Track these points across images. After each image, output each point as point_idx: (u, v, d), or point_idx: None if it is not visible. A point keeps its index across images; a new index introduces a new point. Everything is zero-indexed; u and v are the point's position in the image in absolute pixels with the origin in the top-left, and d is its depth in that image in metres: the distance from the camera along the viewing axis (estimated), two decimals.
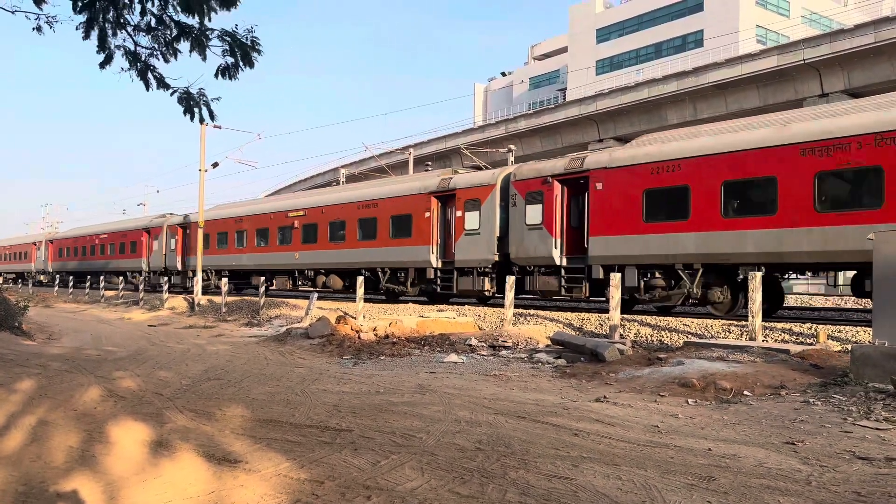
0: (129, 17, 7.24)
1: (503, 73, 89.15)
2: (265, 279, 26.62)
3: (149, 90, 7.50)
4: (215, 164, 31.85)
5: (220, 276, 28.45)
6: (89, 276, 39.52)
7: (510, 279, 16.71)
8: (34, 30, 7.92)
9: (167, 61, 7.33)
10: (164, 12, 7.13)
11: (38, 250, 53.01)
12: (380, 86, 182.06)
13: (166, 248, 35.10)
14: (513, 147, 40.30)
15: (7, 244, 61.80)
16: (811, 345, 11.41)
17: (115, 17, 7.06)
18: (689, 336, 13.20)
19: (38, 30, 7.91)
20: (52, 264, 50.15)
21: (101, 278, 38.21)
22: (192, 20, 7.07)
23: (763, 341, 11.95)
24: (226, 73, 7.27)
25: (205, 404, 7.97)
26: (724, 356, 10.34)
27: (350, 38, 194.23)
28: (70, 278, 42.26)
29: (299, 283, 26.73)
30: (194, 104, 7.43)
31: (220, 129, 30.99)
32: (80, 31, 7.03)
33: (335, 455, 5.79)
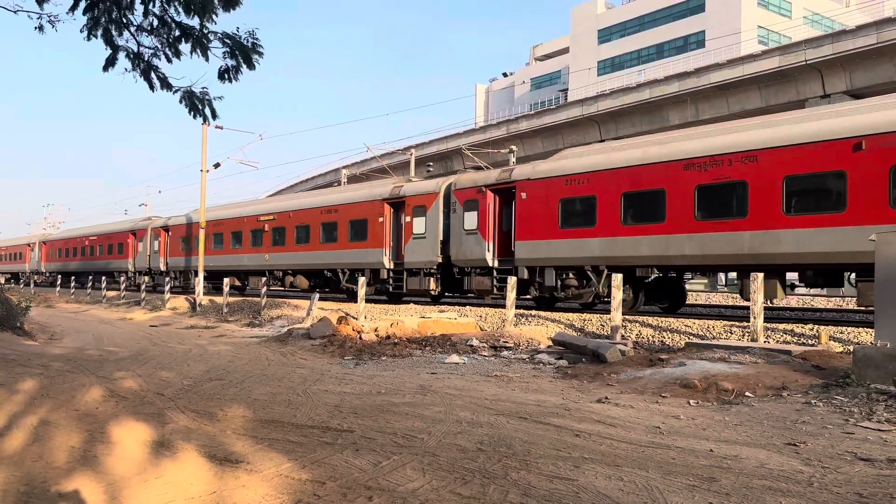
0: (132, 18, 7.26)
1: (505, 74, 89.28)
2: (265, 280, 27.19)
3: (153, 91, 7.51)
4: (217, 165, 31.86)
5: (197, 276, 29.63)
6: (73, 277, 40.71)
7: (511, 280, 16.76)
8: (36, 29, 7.94)
9: (170, 61, 7.34)
10: (165, 13, 7.14)
11: (32, 251, 54.02)
12: (381, 86, 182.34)
13: (150, 249, 36.43)
14: (514, 148, 40.34)
15: (3, 245, 62.95)
16: (813, 346, 11.41)
17: (118, 17, 7.07)
18: (691, 337, 13.20)
19: (41, 29, 7.92)
20: (45, 265, 51.21)
21: (92, 278, 39.34)
22: (193, 21, 7.09)
23: (765, 342, 11.94)
24: (227, 74, 7.30)
25: (206, 404, 7.97)
26: (726, 357, 10.34)
27: (352, 39, 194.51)
28: (59, 277, 43.41)
29: (270, 282, 28.04)
30: (198, 102, 7.44)
31: (221, 129, 31.02)
32: (84, 32, 7.04)
33: (337, 455, 5.79)
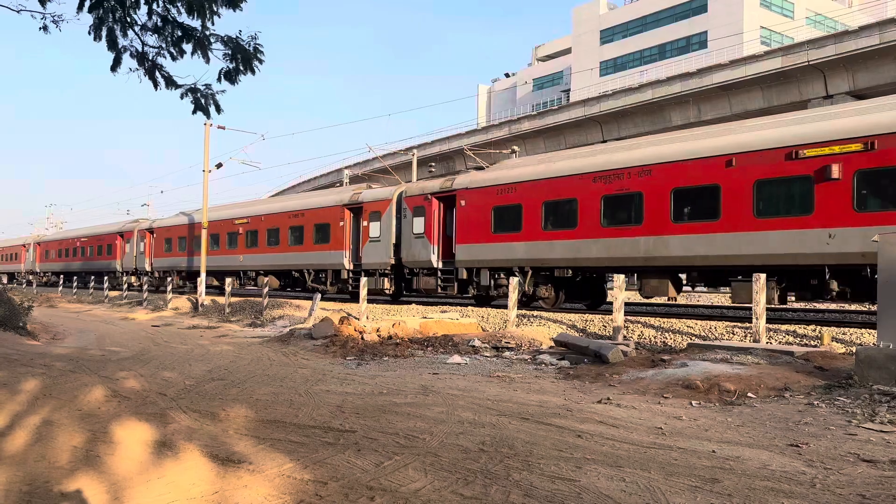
0: (137, 17, 7.26)
1: (507, 75, 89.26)
2: (268, 280, 27.66)
3: (157, 89, 7.50)
4: (219, 165, 31.86)
5: (180, 276, 31.51)
6: (61, 275, 42.43)
7: (513, 280, 16.79)
8: (40, 29, 7.93)
9: (175, 59, 7.34)
10: (168, 13, 7.15)
11: (27, 252, 55.31)
12: (384, 87, 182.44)
13: (136, 250, 37.94)
14: (516, 148, 40.29)
15: None
16: (815, 347, 11.39)
17: (122, 16, 7.08)
18: (693, 338, 13.19)
19: (45, 29, 7.91)
20: (39, 265, 52.56)
21: (79, 277, 40.76)
22: (195, 22, 7.09)
23: (767, 343, 11.94)
24: (228, 77, 7.30)
25: (208, 405, 7.98)
26: (728, 358, 10.33)
27: (354, 39, 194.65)
28: (56, 277, 45.04)
29: (244, 282, 29.71)
30: (202, 97, 7.44)
31: (224, 129, 31.12)
32: (91, 32, 7.05)
33: (338, 456, 5.79)
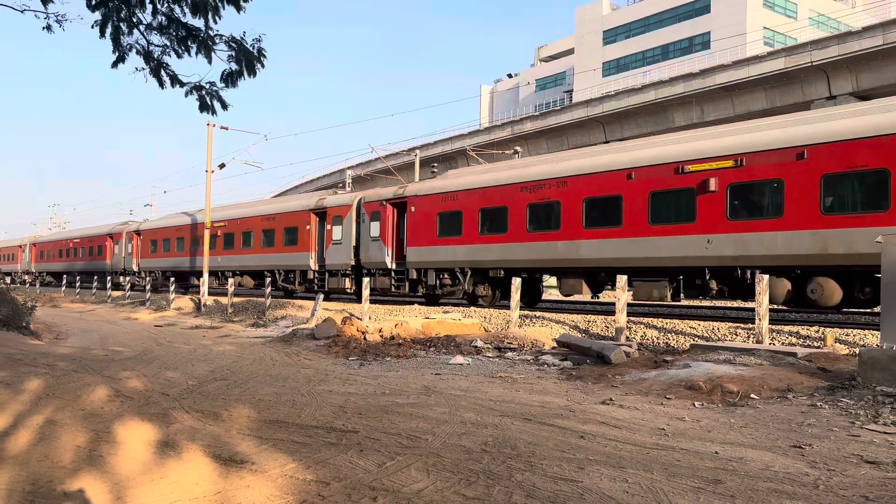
0: (142, 17, 7.27)
1: (509, 75, 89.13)
2: (271, 279, 27.59)
3: (163, 88, 7.53)
4: (222, 166, 31.90)
5: (165, 276, 33.77)
6: (60, 276, 44.34)
7: (516, 281, 16.77)
8: (44, 28, 7.95)
9: (180, 57, 7.36)
10: (172, 13, 7.16)
11: (23, 252, 56.60)
12: (386, 87, 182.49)
13: (125, 251, 39.71)
14: (519, 149, 40.26)
15: None
16: (818, 348, 11.37)
17: (127, 15, 7.09)
18: (696, 338, 13.17)
19: (48, 28, 7.94)
20: (34, 265, 53.85)
21: (65, 276, 42.96)
22: (198, 22, 7.11)
23: (770, 344, 11.91)
24: (229, 79, 7.31)
25: (211, 405, 7.98)
26: (731, 359, 10.32)
27: (357, 40, 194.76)
28: (41, 275, 47.51)
29: (221, 281, 31.02)
30: (207, 95, 7.45)
31: (226, 129, 31.18)
32: (94, 29, 7.06)
33: (341, 456, 5.79)
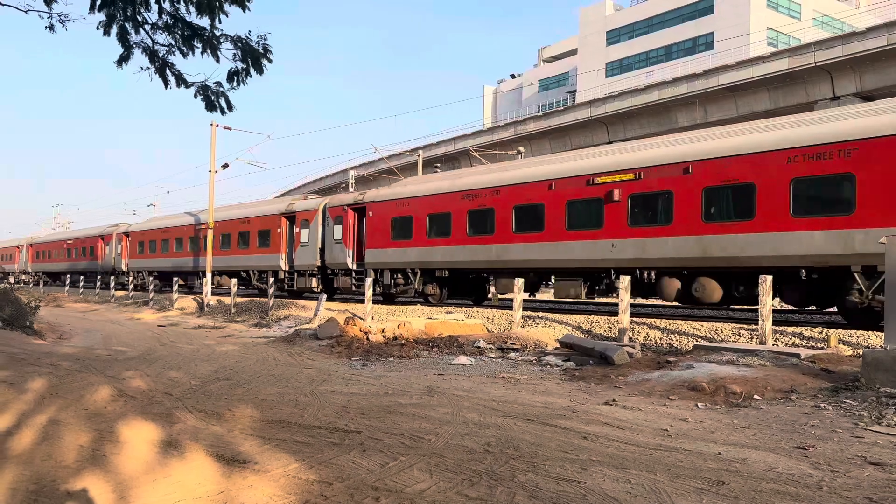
0: (147, 16, 7.28)
1: (512, 75, 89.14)
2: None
3: (168, 87, 7.53)
4: (225, 166, 31.98)
5: (151, 275, 35.97)
6: (43, 274, 47.64)
7: (519, 281, 16.77)
8: (47, 28, 7.96)
9: (185, 56, 7.35)
10: (177, 12, 7.16)
11: (20, 252, 58.30)
12: (389, 87, 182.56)
13: (114, 252, 41.62)
14: (522, 149, 40.28)
15: None
16: (822, 349, 11.35)
17: (132, 14, 7.09)
18: (699, 339, 13.15)
19: (51, 28, 7.94)
20: (31, 265, 55.58)
21: (67, 277, 45.00)
22: (204, 21, 7.11)
23: (773, 345, 11.89)
24: (235, 77, 7.31)
25: (214, 404, 7.99)
26: (734, 360, 10.30)
27: (360, 40, 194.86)
28: (37, 275, 49.93)
29: (202, 281, 32.35)
30: (213, 96, 7.45)
31: (230, 130, 31.21)
32: (100, 28, 7.06)
33: (344, 456, 5.80)
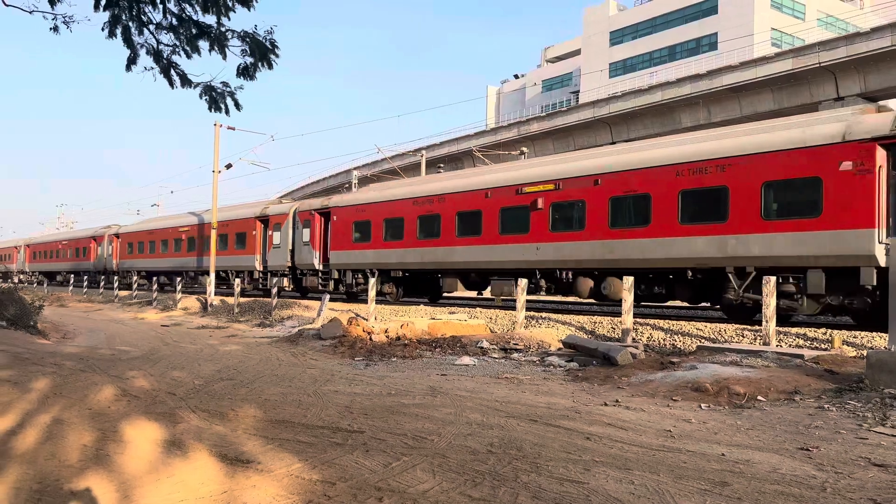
0: (152, 16, 7.28)
1: (516, 76, 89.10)
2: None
3: (173, 88, 7.53)
4: (229, 166, 32.09)
5: (139, 275, 38.45)
6: (39, 274, 51.09)
7: (522, 282, 16.75)
8: (51, 30, 7.96)
9: (189, 57, 7.35)
10: (183, 12, 7.16)
11: (18, 253, 60.30)
12: (392, 88, 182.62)
13: (106, 252, 43.79)
14: (525, 150, 40.26)
15: None
16: (826, 350, 11.31)
17: (137, 14, 7.10)
18: (703, 340, 13.12)
19: (55, 30, 7.95)
20: (28, 265, 57.55)
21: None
22: (210, 19, 7.11)
23: (777, 346, 11.86)
24: (245, 72, 7.30)
25: (217, 404, 8.00)
26: (738, 361, 10.28)
27: (363, 40, 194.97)
28: (34, 275, 53.05)
29: (185, 280, 34.77)
30: (218, 97, 7.45)
31: (233, 130, 31.32)
32: (105, 29, 7.07)
33: (347, 456, 5.80)
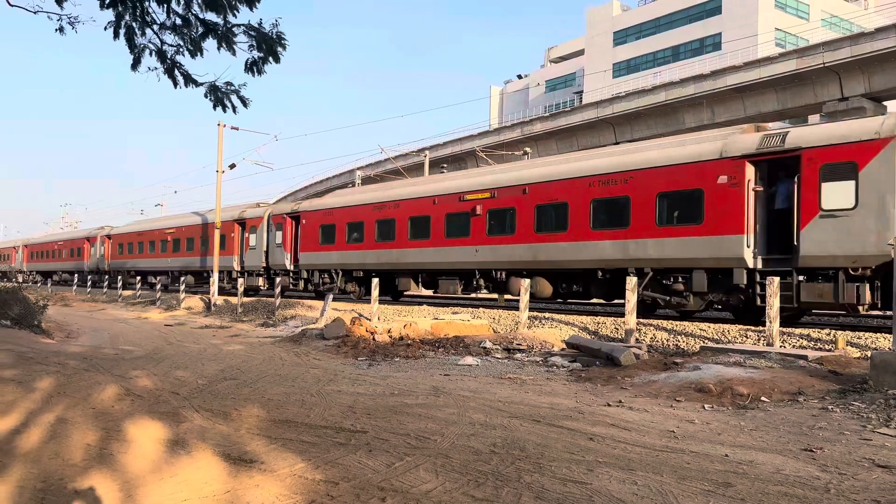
0: (156, 16, 7.28)
1: (519, 76, 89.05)
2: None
3: (176, 87, 7.52)
4: (232, 166, 32.07)
5: (129, 274, 39.82)
6: (36, 273, 53.54)
7: (525, 282, 16.68)
8: (57, 30, 7.97)
9: (194, 56, 7.34)
10: (188, 11, 7.16)
11: (17, 253, 62.02)
12: (395, 88, 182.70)
13: (98, 253, 45.52)
14: (528, 150, 40.25)
15: None
16: (830, 351, 11.29)
17: (140, 14, 7.10)
18: (706, 341, 13.10)
19: (61, 30, 7.96)
20: (26, 265, 59.24)
21: (51, 277, 50.28)
22: (216, 17, 7.11)
23: (781, 347, 11.84)
24: (253, 67, 7.29)
25: (221, 404, 8.01)
26: (741, 361, 10.26)
27: (366, 40, 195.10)
28: (32, 274, 55.44)
29: (170, 279, 36.55)
30: (223, 96, 7.45)
31: (237, 130, 31.40)
32: (108, 30, 7.07)
33: (350, 456, 5.80)
